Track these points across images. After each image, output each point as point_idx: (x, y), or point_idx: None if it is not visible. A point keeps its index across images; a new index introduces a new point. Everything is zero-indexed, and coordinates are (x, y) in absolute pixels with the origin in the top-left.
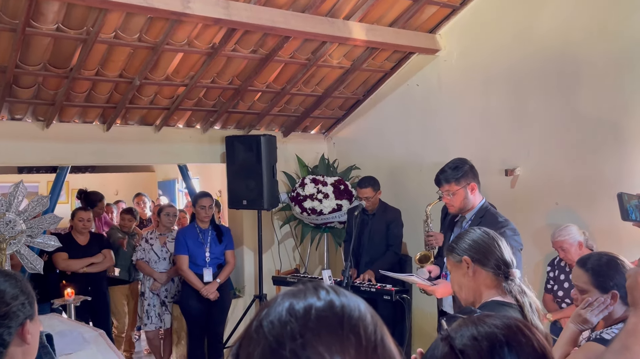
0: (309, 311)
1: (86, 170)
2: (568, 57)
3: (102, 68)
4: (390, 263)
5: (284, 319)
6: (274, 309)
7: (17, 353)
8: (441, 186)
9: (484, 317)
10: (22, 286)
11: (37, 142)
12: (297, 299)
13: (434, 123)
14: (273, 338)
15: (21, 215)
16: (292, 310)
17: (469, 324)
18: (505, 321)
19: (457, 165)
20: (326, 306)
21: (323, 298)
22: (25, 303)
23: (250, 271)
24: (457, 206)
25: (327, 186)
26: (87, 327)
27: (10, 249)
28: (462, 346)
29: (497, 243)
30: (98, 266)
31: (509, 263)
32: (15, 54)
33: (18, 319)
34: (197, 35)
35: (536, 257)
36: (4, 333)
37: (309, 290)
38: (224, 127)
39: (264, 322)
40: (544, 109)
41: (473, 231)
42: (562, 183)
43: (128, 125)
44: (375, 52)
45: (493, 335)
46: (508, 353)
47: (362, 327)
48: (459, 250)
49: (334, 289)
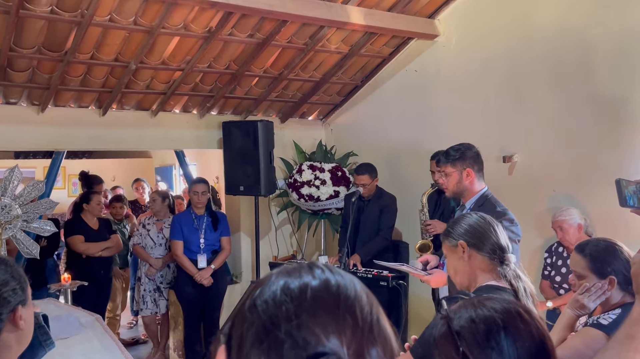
0: (304, 290)
1: (83, 155)
2: (567, 43)
3: (97, 52)
4: (378, 248)
5: (279, 299)
6: (268, 288)
7: (10, 339)
8: (438, 165)
9: (484, 300)
10: (12, 272)
11: (32, 127)
12: (292, 278)
13: (432, 110)
14: (267, 318)
15: (17, 200)
16: (287, 289)
17: (469, 306)
18: (505, 305)
19: (459, 148)
20: (322, 286)
21: (318, 276)
22: (17, 289)
23: (247, 257)
24: (451, 190)
25: (325, 173)
26: (83, 312)
27: (6, 234)
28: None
29: (493, 228)
30: (111, 250)
31: (505, 247)
32: (9, 36)
33: (9, 305)
34: (194, 18)
35: (534, 244)
36: None
37: (304, 269)
38: (220, 113)
39: (258, 301)
40: (542, 96)
41: (469, 216)
42: (559, 170)
43: (124, 110)
44: (374, 37)
45: (491, 319)
46: (504, 338)
47: (359, 307)
48: (455, 234)
49: (329, 268)
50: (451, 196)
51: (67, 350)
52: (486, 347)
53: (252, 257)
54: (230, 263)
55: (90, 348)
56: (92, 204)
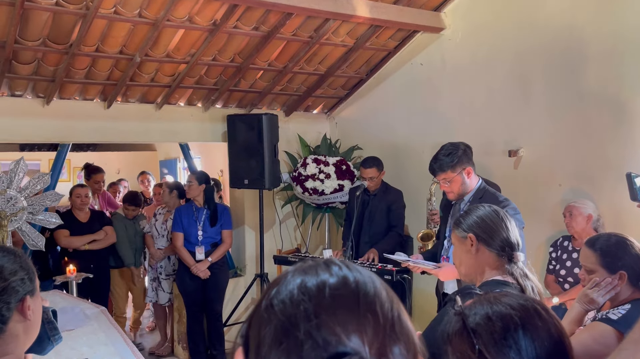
0: (322, 289)
1: (87, 148)
2: (574, 37)
3: (102, 45)
4: (393, 243)
5: (297, 298)
6: (285, 287)
7: (18, 329)
8: (437, 175)
9: (500, 296)
10: (21, 262)
11: (37, 119)
12: (309, 276)
13: (438, 103)
14: (286, 319)
15: (22, 192)
16: (304, 288)
17: (484, 303)
18: (522, 302)
19: (450, 151)
20: (340, 283)
21: (336, 274)
22: (25, 279)
23: (251, 250)
24: (456, 192)
25: (329, 167)
26: (88, 304)
27: (11, 226)
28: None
29: (505, 224)
30: (100, 243)
31: (514, 245)
32: (14, 29)
33: (17, 294)
34: (198, 11)
35: (539, 238)
36: (3, 308)
37: (321, 266)
38: (225, 106)
39: (275, 301)
40: (548, 89)
41: (483, 207)
42: (566, 164)
43: (129, 103)
44: (379, 30)
45: (508, 316)
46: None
47: (379, 304)
48: (465, 226)
49: (346, 264)
50: (455, 199)
51: (72, 342)
52: (504, 345)
53: (256, 250)
54: (235, 257)
55: (96, 339)
56: (72, 198)
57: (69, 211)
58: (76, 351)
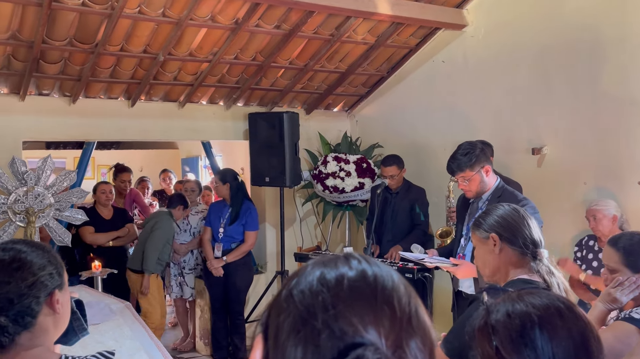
0: (341, 281)
1: (111, 146)
2: (600, 32)
3: (127, 44)
4: (417, 241)
5: (315, 289)
6: (305, 278)
7: (47, 323)
8: (455, 175)
9: (525, 294)
10: (50, 257)
11: (63, 117)
12: (329, 268)
13: (459, 101)
14: (304, 308)
15: (49, 189)
16: (323, 279)
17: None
18: (546, 300)
19: (468, 150)
20: (359, 276)
21: (355, 267)
22: (54, 273)
23: (272, 247)
24: (475, 191)
25: (350, 165)
26: (113, 299)
27: (39, 222)
28: (494, 322)
29: (527, 221)
30: (122, 239)
31: (538, 242)
32: (42, 29)
33: (46, 289)
34: (221, 10)
35: (563, 237)
36: (32, 302)
37: (340, 259)
38: (246, 104)
39: (294, 291)
40: (572, 87)
41: (502, 206)
42: (591, 162)
43: (152, 101)
44: (400, 27)
45: (527, 314)
46: (539, 336)
47: (396, 298)
48: (486, 226)
49: (366, 258)
50: (474, 197)
51: (99, 335)
52: (519, 343)
53: (277, 248)
54: (256, 254)
55: (121, 334)
56: (97, 194)
57: (92, 208)
58: (102, 344)
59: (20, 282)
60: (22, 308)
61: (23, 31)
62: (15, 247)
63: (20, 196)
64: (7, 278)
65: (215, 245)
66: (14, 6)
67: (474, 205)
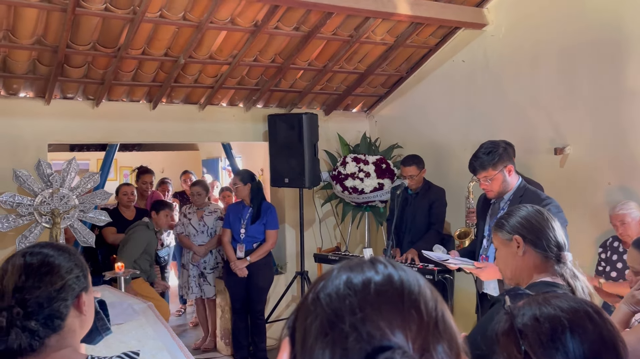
0: (367, 285)
1: (133, 148)
2: (620, 30)
3: (148, 47)
4: (432, 242)
5: (342, 292)
6: (331, 282)
7: (74, 324)
8: (477, 174)
9: (551, 298)
10: (76, 260)
11: (87, 120)
12: (355, 272)
13: (480, 101)
14: (332, 311)
15: (74, 191)
16: (350, 284)
17: (533, 304)
18: (573, 304)
19: (490, 149)
20: (385, 281)
21: (381, 272)
22: (80, 276)
23: (292, 248)
24: (497, 191)
25: (369, 165)
26: (136, 299)
27: (64, 223)
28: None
29: (551, 224)
30: None
31: (562, 245)
32: (66, 34)
33: (74, 292)
34: (240, 12)
35: (587, 238)
36: (61, 306)
37: (367, 264)
38: (266, 106)
39: (321, 294)
40: (595, 85)
41: (525, 208)
42: (614, 162)
43: (173, 104)
44: (420, 27)
45: (556, 318)
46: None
47: (423, 302)
48: (509, 227)
49: (392, 263)
50: (495, 197)
51: (122, 336)
52: (550, 347)
53: (296, 249)
54: (275, 254)
55: (144, 334)
56: (119, 196)
57: (115, 209)
58: (125, 344)
59: (50, 286)
60: (52, 312)
61: (48, 36)
62: (43, 251)
63: (46, 198)
64: (37, 282)
65: (237, 246)
66: (39, 12)
67: (496, 205)
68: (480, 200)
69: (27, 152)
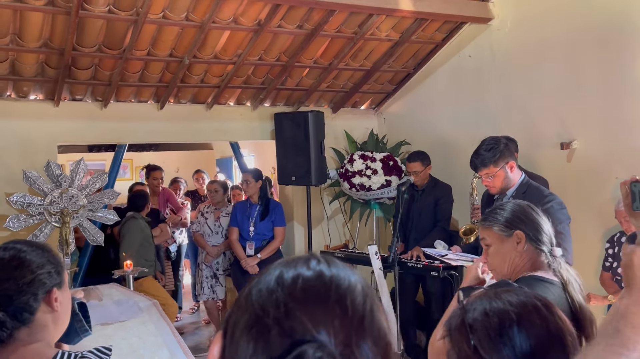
0: (296, 280)
1: (150, 148)
2: (628, 23)
3: (153, 48)
4: (438, 239)
5: (272, 287)
6: (265, 277)
7: (46, 319)
8: (479, 171)
9: (502, 292)
10: (49, 257)
11: (96, 121)
12: (288, 268)
13: (487, 95)
14: (259, 306)
15: (83, 191)
16: (280, 279)
17: (485, 299)
18: (523, 298)
19: (491, 146)
20: (314, 276)
21: (313, 268)
22: (52, 272)
23: (300, 246)
24: (499, 187)
25: (376, 162)
26: (142, 296)
27: (73, 222)
28: (471, 321)
29: (543, 219)
30: (156, 239)
31: (553, 240)
32: (71, 36)
33: (44, 286)
34: (243, 12)
35: (595, 234)
36: (30, 299)
37: (301, 260)
38: (273, 104)
39: (254, 290)
40: (602, 78)
41: (515, 204)
42: (622, 156)
43: (180, 104)
44: (425, 23)
45: (505, 312)
46: (517, 333)
47: (350, 298)
48: (507, 223)
49: (327, 260)
50: (498, 193)
51: (124, 332)
52: (498, 342)
53: (304, 246)
54: (284, 252)
55: (145, 330)
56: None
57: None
58: (127, 341)
59: (19, 280)
60: (21, 305)
61: (54, 39)
62: (16, 247)
63: (55, 198)
64: (7, 275)
65: (246, 244)
66: (44, 15)
67: (498, 202)
68: (484, 197)
69: (37, 153)
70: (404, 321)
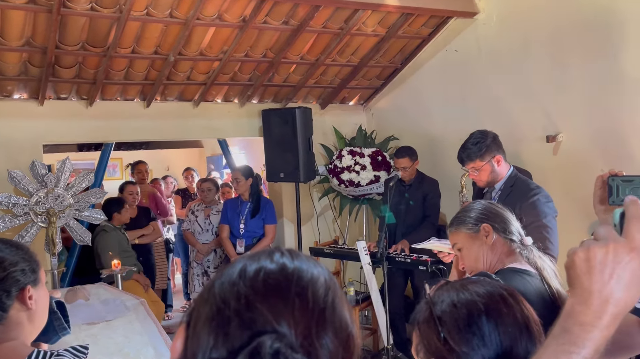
0: (258, 273)
1: (140, 146)
2: (615, 12)
3: (138, 46)
4: (426, 234)
5: (234, 280)
6: (228, 271)
7: (21, 317)
8: (465, 164)
9: (467, 283)
10: (24, 255)
11: (82, 120)
12: (252, 261)
13: (474, 89)
14: (220, 298)
15: (69, 190)
16: (243, 272)
17: (451, 290)
18: (489, 289)
19: (478, 140)
20: (276, 269)
21: (276, 261)
22: (27, 270)
23: (290, 243)
24: (485, 181)
25: (365, 158)
26: (129, 296)
27: (60, 222)
28: (440, 313)
29: (509, 212)
30: (148, 237)
31: (521, 230)
32: (53, 34)
33: (18, 284)
34: (227, 8)
35: (581, 225)
36: (3, 296)
37: (265, 253)
38: (261, 101)
39: (216, 283)
40: (588, 72)
41: (479, 202)
42: (608, 149)
43: (167, 101)
44: (411, 17)
45: (472, 303)
46: (486, 323)
47: (311, 290)
48: (474, 220)
49: (291, 253)
50: (485, 186)
51: (110, 331)
52: (467, 332)
53: (294, 243)
54: None
55: (132, 329)
56: (124, 194)
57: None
58: (113, 340)
59: None
60: None
61: (36, 37)
62: None
63: (41, 198)
64: None
65: (237, 241)
66: (25, 13)
67: (487, 195)
68: (475, 191)
69: (22, 153)
70: (393, 315)
